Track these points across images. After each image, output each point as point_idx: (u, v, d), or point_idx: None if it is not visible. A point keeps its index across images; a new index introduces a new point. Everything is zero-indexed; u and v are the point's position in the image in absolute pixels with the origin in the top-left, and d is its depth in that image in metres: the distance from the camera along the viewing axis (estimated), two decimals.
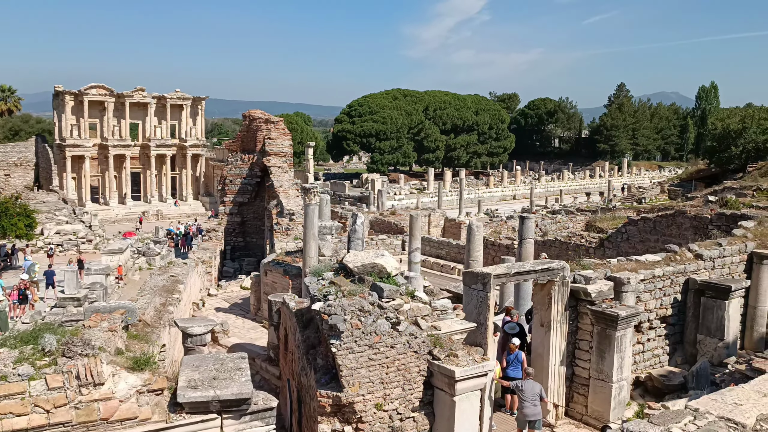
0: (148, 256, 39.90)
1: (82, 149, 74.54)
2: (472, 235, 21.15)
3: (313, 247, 22.07)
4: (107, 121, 76.98)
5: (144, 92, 79.50)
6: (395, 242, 38.74)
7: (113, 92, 77.25)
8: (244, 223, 39.34)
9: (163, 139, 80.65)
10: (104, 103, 76.63)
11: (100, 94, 76.26)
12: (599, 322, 14.70)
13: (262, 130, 38.15)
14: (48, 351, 8.79)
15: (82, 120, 75.16)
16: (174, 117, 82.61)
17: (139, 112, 79.99)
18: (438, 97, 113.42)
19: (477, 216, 52.78)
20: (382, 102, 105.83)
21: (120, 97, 77.54)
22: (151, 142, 79.35)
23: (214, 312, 26.54)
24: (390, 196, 70.13)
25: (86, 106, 75.07)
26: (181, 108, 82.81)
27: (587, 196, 78.87)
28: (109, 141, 76.40)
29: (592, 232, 33.73)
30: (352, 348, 11.20)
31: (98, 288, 27.48)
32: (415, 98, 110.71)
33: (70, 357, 8.71)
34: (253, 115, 39.67)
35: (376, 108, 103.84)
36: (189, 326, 14.12)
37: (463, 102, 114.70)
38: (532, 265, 15.19)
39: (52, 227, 49.66)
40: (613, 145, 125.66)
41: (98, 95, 76.09)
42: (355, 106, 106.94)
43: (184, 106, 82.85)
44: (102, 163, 77.94)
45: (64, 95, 74.22)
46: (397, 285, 12.57)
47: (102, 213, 69.87)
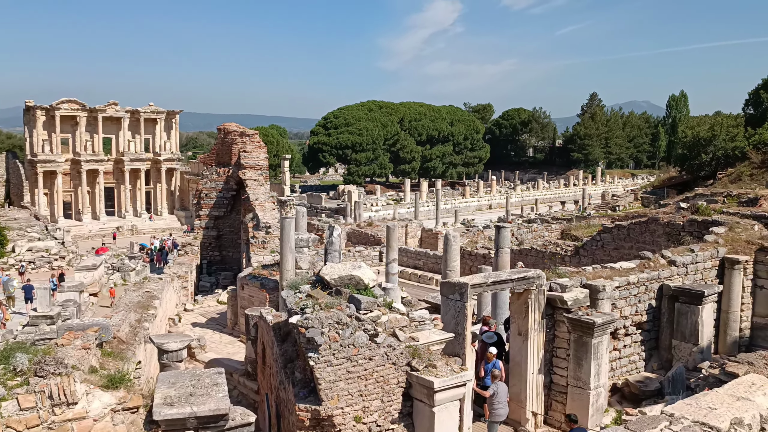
0: (123, 271, 39.38)
1: (54, 165, 73.50)
2: (449, 246, 21.24)
3: (290, 260, 21.97)
4: (80, 135, 76.08)
5: (117, 106, 78.74)
6: (372, 253, 38.73)
7: (86, 107, 76.37)
8: (220, 237, 39.07)
9: (137, 153, 79.87)
10: (76, 117, 75.74)
11: (72, 108, 75.35)
12: (576, 330, 14.80)
13: (238, 143, 38.01)
14: (20, 370, 8.64)
15: (54, 135, 74.17)
16: (148, 131, 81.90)
17: (113, 126, 79.18)
18: (413, 109, 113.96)
19: (454, 226, 52.96)
20: (357, 114, 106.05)
21: (93, 111, 76.70)
22: (125, 157, 78.56)
23: (190, 327, 26.27)
24: (367, 208, 70.15)
25: (58, 121, 74.13)
26: (155, 122, 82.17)
27: (562, 205, 79.55)
28: (81, 156, 75.45)
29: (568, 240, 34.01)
30: (330, 361, 11.15)
31: (71, 305, 27.04)
32: (391, 110, 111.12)
33: (43, 376, 8.57)
34: (228, 128, 39.52)
35: (351, 120, 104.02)
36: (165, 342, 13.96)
37: (438, 113, 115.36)
38: (509, 274, 15.28)
39: (24, 244, 48.84)
40: (587, 154, 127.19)
41: (70, 110, 75.18)
42: (331, 118, 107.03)
43: (158, 120, 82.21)
44: (75, 179, 76.93)
45: (36, 110, 73.23)
46: (375, 297, 12.57)
47: (75, 229, 68.91)
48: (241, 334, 22.69)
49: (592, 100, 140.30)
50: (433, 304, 20.42)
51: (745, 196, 29.64)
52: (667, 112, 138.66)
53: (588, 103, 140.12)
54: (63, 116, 74.65)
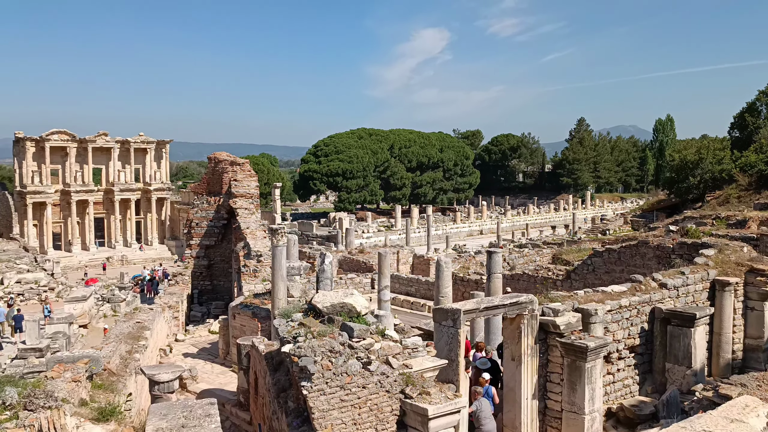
0: (113, 302, 39.15)
1: (43, 196, 73.23)
2: (441, 272, 21.23)
3: (282, 289, 21.90)
4: (69, 166, 75.96)
5: (107, 137, 78.78)
6: (364, 281, 38.63)
7: (75, 137, 76.36)
8: (211, 266, 38.90)
9: (127, 183, 79.75)
10: (66, 148, 75.68)
11: (62, 139, 75.32)
12: (569, 354, 14.78)
13: (228, 172, 38.05)
14: (9, 404, 8.53)
15: (44, 166, 74.03)
16: (138, 161, 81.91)
17: (103, 156, 79.17)
18: (403, 136, 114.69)
19: (445, 252, 52.99)
20: (347, 141, 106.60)
21: (82, 142, 76.70)
22: (115, 187, 78.41)
23: (182, 358, 26.04)
24: (358, 235, 70.13)
25: (48, 152, 74.03)
26: (145, 152, 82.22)
27: (553, 230, 79.84)
28: (71, 187, 75.24)
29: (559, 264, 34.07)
30: (323, 390, 11.08)
31: (61, 337, 26.82)
32: (381, 137, 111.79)
33: (33, 410, 8.47)
34: (219, 157, 39.59)
35: (341, 147, 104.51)
36: (156, 373, 13.83)
37: (428, 140, 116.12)
38: (501, 299, 15.28)
39: (13, 276, 48.40)
40: (576, 179, 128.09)
41: (60, 141, 75.15)
42: (321, 146, 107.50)
43: (148, 150, 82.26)
44: (64, 209, 76.62)
45: (25, 141, 73.16)
46: (368, 324, 12.52)
47: (65, 260, 68.46)
48: (233, 363, 22.50)
49: (580, 125, 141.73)
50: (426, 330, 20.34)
51: (733, 218, 29.88)
52: (654, 135, 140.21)
53: (576, 128, 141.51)
54: (53, 147, 74.57)
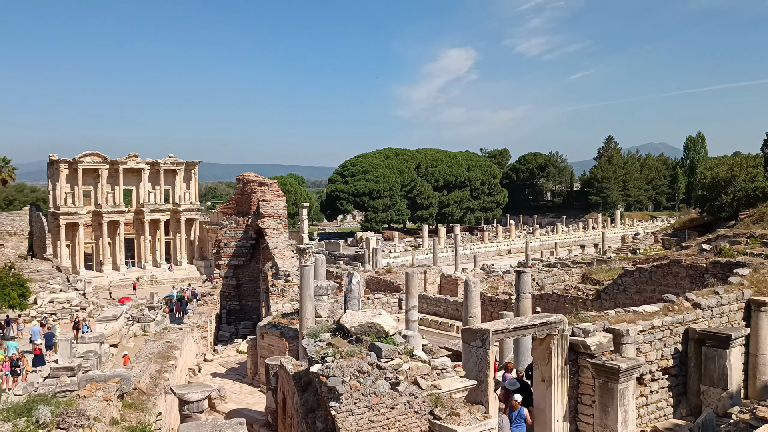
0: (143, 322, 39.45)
1: (76, 216, 74.61)
2: (470, 291, 21.11)
3: (310, 308, 21.93)
4: (101, 188, 77.34)
5: (138, 158, 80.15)
6: (392, 300, 38.50)
7: (107, 159, 77.83)
8: (240, 286, 39.14)
9: (156, 204, 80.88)
10: (98, 170, 77.13)
11: (94, 161, 76.80)
12: (600, 376, 14.54)
13: (257, 192, 38.39)
14: (42, 423, 8.62)
15: (77, 187, 75.51)
16: (168, 182, 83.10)
17: (133, 178, 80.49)
18: (429, 155, 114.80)
19: (473, 272, 52.68)
20: (374, 161, 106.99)
21: (114, 163, 78.12)
22: (145, 208, 79.55)
23: (210, 377, 26.14)
24: (385, 254, 70.05)
25: (80, 174, 75.53)
26: (175, 173, 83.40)
27: (582, 249, 78.96)
28: (103, 208, 76.55)
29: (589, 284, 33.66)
30: (351, 410, 11.02)
31: (92, 356, 27.09)
32: (407, 156, 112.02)
33: (65, 428, 8.55)
34: (247, 177, 39.99)
35: (368, 167, 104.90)
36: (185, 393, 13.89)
37: (455, 159, 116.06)
38: (531, 319, 15.12)
39: (46, 296, 49.20)
40: (605, 197, 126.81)
41: (92, 163, 76.63)
42: (348, 166, 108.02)
43: (177, 171, 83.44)
44: (96, 230, 77.89)
45: (59, 164, 74.74)
46: (396, 344, 12.47)
47: (96, 280, 69.44)
48: (262, 383, 22.52)
49: (608, 143, 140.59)
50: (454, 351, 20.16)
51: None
52: (685, 153, 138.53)
53: (604, 147, 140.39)
54: (85, 169, 76.09)
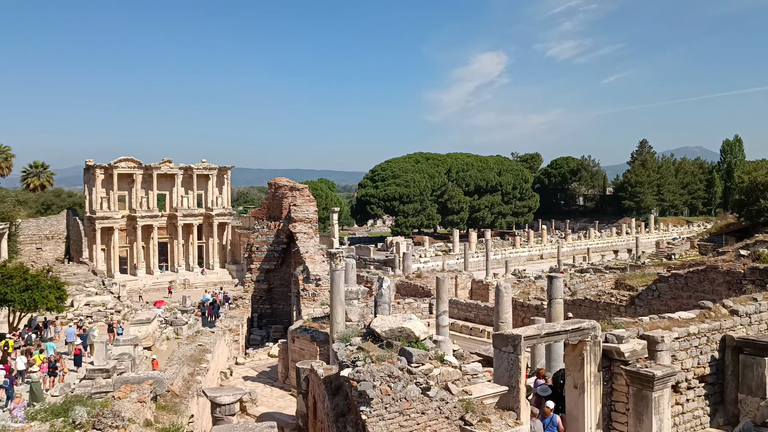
0: (176, 325, 39.99)
1: (111, 221, 75.94)
2: (501, 297, 20.96)
3: (340, 313, 21.98)
4: (136, 192, 78.63)
5: (171, 163, 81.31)
6: (422, 305, 38.45)
7: (141, 164, 79.11)
8: (271, 290, 39.41)
9: (189, 208, 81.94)
10: (133, 175, 78.46)
11: (129, 166, 78.16)
12: (634, 383, 14.31)
13: (288, 197, 38.65)
14: (78, 423, 8.76)
15: (112, 192, 76.88)
16: (200, 187, 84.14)
17: (167, 183, 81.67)
18: (460, 159, 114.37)
19: (504, 277, 52.32)
20: (404, 166, 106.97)
21: (148, 169, 79.37)
22: (178, 212, 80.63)
23: (242, 381, 26.35)
24: (415, 259, 69.97)
25: (116, 179, 76.92)
26: (208, 178, 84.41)
27: (615, 254, 77.96)
28: (137, 212, 77.81)
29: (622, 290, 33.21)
30: (382, 415, 11.00)
31: (126, 359, 27.51)
32: (438, 161, 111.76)
33: (101, 429, 8.68)
34: (279, 182, 40.28)
35: (398, 172, 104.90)
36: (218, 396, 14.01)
37: (486, 163, 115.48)
38: (563, 325, 14.94)
39: (82, 299, 50.10)
40: (639, 202, 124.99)
41: (127, 168, 77.99)
42: (378, 171, 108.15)
43: (210, 176, 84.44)
44: (130, 234, 79.19)
45: (95, 169, 76.20)
46: (426, 349, 12.42)
47: (130, 283, 70.50)
48: (292, 387, 22.63)
49: (642, 147, 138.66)
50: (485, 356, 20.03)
51: None
52: (722, 157, 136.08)
53: (638, 150, 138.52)
54: (120, 174, 77.47)
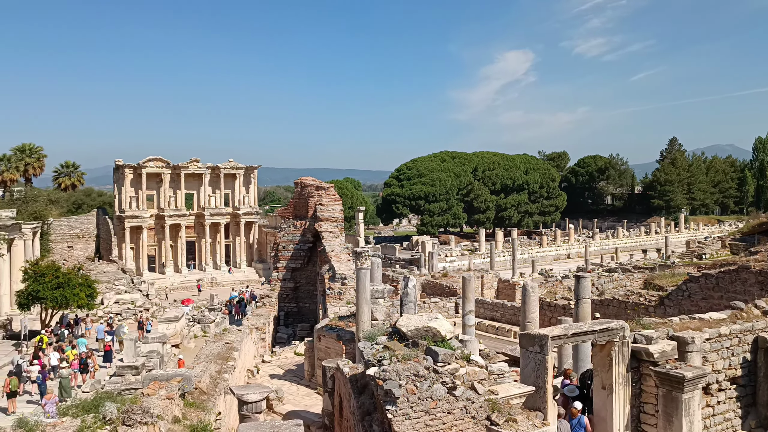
0: (203, 323, 40.34)
1: (140, 220, 76.96)
2: (527, 296, 20.82)
3: (366, 312, 22.00)
4: (164, 192, 79.57)
5: (199, 163, 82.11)
6: (448, 305, 38.33)
7: (169, 164, 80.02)
8: (297, 289, 39.61)
9: (217, 207, 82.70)
10: (161, 174, 79.40)
11: (157, 166, 79.11)
12: (664, 384, 14.11)
13: (314, 196, 38.81)
14: (108, 419, 8.89)
15: (141, 192, 77.91)
16: (227, 186, 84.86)
17: (194, 182, 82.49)
18: (486, 158, 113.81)
19: (531, 276, 51.96)
20: (430, 165, 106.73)
21: (176, 168, 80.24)
22: (206, 211, 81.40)
23: (268, 378, 26.51)
24: (441, 258, 69.79)
25: (144, 179, 77.91)
26: (235, 177, 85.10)
27: (644, 254, 76.95)
28: (165, 211, 78.73)
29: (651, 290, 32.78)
30: (408, 414, 10.99)
31: (155, 356, 27.82)
32: (464, 160, 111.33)
33: (130, 425, 8.79)
34: (305, 182, 40.45)
35: (424, 171, 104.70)
36: (245, 393, 14.11)
37: (512, 162, 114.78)
38: (590, 325, 14.78)
39: (112, 297, 50.88)
40: (668, 201, 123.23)
41: (155, 167, 78.94)
42: (404, 170, 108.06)
43: (237, 176, 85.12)
44: (159, 233, 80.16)
45: (124, 168, 77.27)
46: (452, 349, 12.38)
47: (158, 282, 71.38)
48: (318, 385, 22.72)
49: (671, 145, 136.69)
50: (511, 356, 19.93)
51: None
52: (754, 155, 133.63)
53: (667, 149, 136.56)
54: (149, 174, 78.46)
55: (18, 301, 37.99)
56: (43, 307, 38.40)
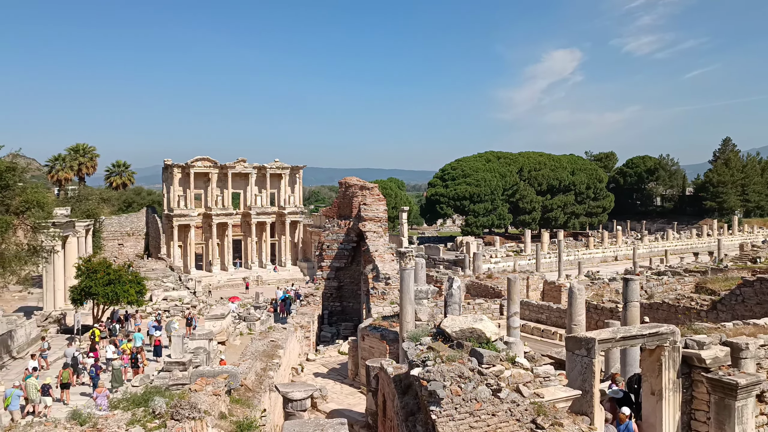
0: (249, 321, 40.89)
1: (188, 219, 78.42)
2: (574, 299, 20.51)
3: (410, 312, 21.97)
4: (211, 191, 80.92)
5: (245, 163, 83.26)
6: (493, 306, 38.01)
7: (217, 164, 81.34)
8: (341, 288, 39.80)
9: (263, 207, 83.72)
10: (209, 174, 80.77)
11: (205, 166, 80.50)
12: (716, 391, 13.73)
13: (358, 196, 38.94)
14: (158, 413, 9.06)
15: (189, 191, 79.40)
16: (273, 186, 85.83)
17: (241, 181, 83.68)
18: (532, 158, 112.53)
19: (577, 278, 51.19)
20: (475, 165, 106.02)
21: (223, 168, 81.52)
22: (252, 210, 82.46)
23: (312, 377, 26.69)
24: (486, 259, 69.28)
25: (192, 178, 79.36)
26: (280, 177, 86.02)
27: (695, 257, 75.11)
28: (212, 210, 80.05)
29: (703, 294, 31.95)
30: (452, 415, 10.93)
31: (202, 353, 28.32)
32: (509, 160, 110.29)
33: (178, 420, 8.94)
34: (349, 182, 40.63)
35: (469, 171, 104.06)
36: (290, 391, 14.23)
37: (559, 162, 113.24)
38: (639, 329, 14.47)
39: (160, 294, 51.98)
40: (721, 203, 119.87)
41: (203, 167, 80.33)
42: (448, 170, 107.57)
43: (282, 175, 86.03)
44: (206, 232, 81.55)
45: (173, 168, 78.85)
46: (497, 350, 12.27)
47: (205, 279, 72.63)
48: (362, 385, 22.78)
49: (725, 145, 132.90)
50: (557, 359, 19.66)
51: None
52: None
53: (721, 149, 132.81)
54: (197, 173, 79.90)
55: (71, 296, 39.13)
56: (95, 303, 39.44)
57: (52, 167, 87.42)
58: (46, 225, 32.76)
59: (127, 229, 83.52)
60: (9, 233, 28.38)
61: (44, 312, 43.04)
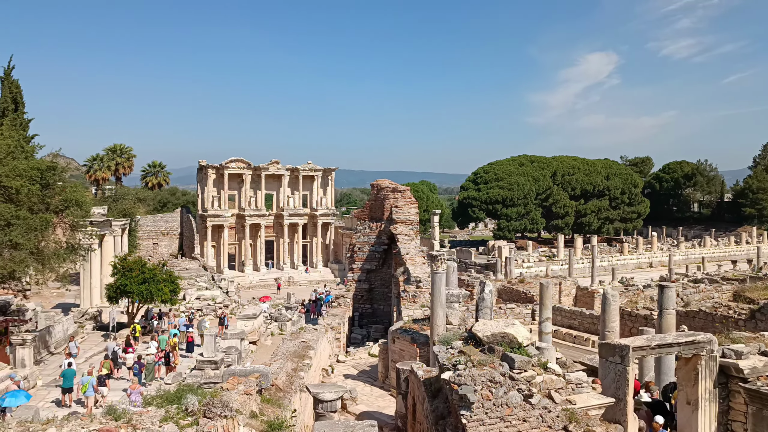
0: (280, 321, 41.13)
1: (221, 219, 79.32)
2: (608, 305, 20.24)
3: (441, 315, 21.90)
4: (245, 192, 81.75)
5: (278, 164, 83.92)
6: (524, 311, 37.69)
7: (250, 165, 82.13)
8: (372, 290, 39.84)
9: (295, 208, 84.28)
10: (242, 175, 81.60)
11: (238, 167, 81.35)
12: (754, 402, 13.41)
13: (389, 198, 38.96)
14: (190, 411, 9.17)
15: (222, 191, 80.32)
16: (306, 187, 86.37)
17: (274, 183, 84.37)
18: (566, 163, 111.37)
19: (611, 284, 50.50)
20: (508, 168, 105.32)
21: (257, 169, 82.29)
22: (285, 212, 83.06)
23: (342, 378, 26.77)
24: (518, 264, 68.75)
25: (226, 179, 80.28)
26: (313, 179, 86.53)
27: (733, 264, 73.56)
28: (246, 211, 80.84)
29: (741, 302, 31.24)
30: (482, 420, 10.86)
31: (233, 352, 28.56)
32: (542, 164, 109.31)
33: (210, 418, 9.04)
34: (381, 184, 40.67)
35: (502, 174, 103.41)
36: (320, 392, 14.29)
37: (593, 167, 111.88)
38: (675, 337, 14.22)
39: (193, 293, 52.58)
40: (761, 209, 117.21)
41: (237, 168, 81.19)
42: (481, 173, 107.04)
43: (315, 177, 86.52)
44: (239, 232, 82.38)
45: (207, 169, 79.82)
46: (529, 356, 12.17)
47: (238, 279, 73.32)
48: (392, 387, 22.77)
49: (765, 150, 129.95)
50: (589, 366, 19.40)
51: None
52: None
53: (761, 154, 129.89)
54: (231, 174, 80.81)
55: (107, 294, 39.79)
56: (130, 301, 40.06)
57: (90, 167, 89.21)
58: (84, 223, 33.35)
59: (161, 228, 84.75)
60: (49, 231, 28.99)
61: (81, 309, 43.84)
